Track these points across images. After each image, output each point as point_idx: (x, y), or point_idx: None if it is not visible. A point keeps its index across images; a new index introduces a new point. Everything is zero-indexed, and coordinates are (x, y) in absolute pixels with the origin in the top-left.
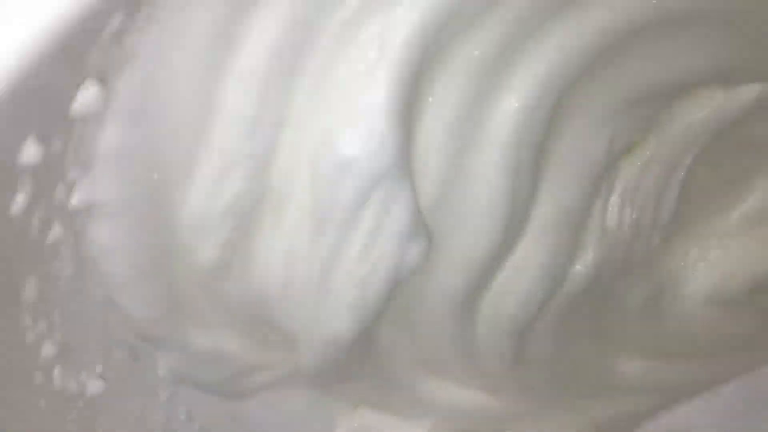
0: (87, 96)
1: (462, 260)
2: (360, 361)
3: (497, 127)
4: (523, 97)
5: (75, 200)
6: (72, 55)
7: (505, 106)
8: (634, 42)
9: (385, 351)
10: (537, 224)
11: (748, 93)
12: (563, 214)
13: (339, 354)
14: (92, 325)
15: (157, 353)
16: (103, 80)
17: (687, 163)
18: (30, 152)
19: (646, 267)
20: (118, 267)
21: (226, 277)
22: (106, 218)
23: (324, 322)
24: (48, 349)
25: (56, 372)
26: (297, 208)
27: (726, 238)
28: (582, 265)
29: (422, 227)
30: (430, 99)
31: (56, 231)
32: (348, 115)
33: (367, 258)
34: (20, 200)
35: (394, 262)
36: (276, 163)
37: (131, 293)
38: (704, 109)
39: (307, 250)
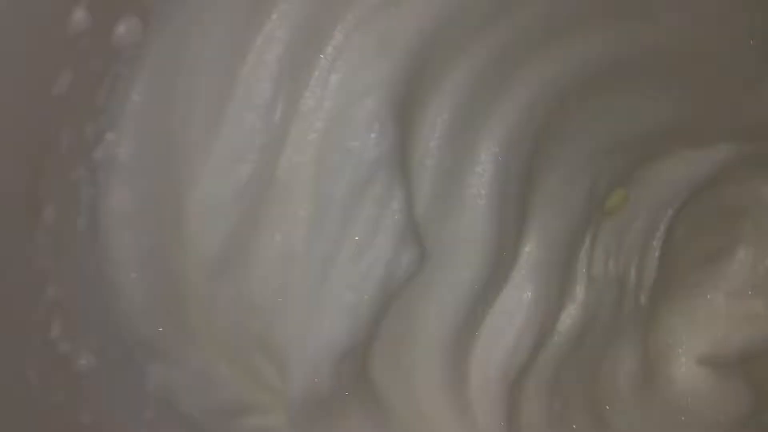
0: (127, 28)
1: (453, 285)
2: (352, 390)
3: (487, 147)
4: (506, 126)
5: (99, 152)
6: None
7: (492, 131)
8: (599, 91)
9: (378, 389)
10: (525, 265)
11: (716, 153)
12: (549, 256)
13: (330, 368)
14: (94, 299)
15: (150, 366)
16: (144, 19)
17: (665, 223)
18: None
19: (635, 330)
20: (126, 241)
21: (224, 274)
22: (123, 179)
23: (317, 329)
24: (50, 291)
25: (55, 324)
26: (299, 202)
27: (711, 309)
28: (570, 312)
29: (415, 236)
30: (428, 113)
31: (79, 171)
32: (351, 107)
33: (361, 261)
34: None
35: (388, 267)
36: (284, 154)
37: (133, 277)
38: (677, 169)
39: (304, 250)
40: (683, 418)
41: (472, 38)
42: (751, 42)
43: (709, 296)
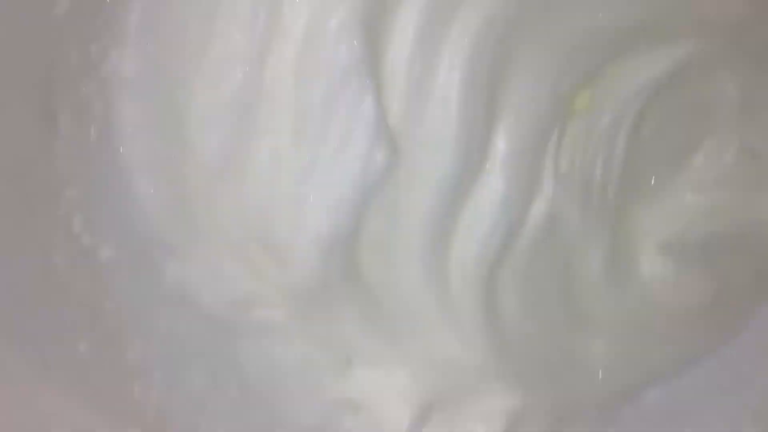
0: None
1: (428, 182)
2: (343, 283)
3: (454, 51)
4: (472, 30)
5: (106, 68)
6: None
7: (459, 35)
8: None
9: (367, 285)
10: (495, 163)
11: (677, 49)
12: (519, 149)
13: (319, 260)
14: (111, 201)
15: (166, 262)
16: None
17: (631, 119)
18: None
19: (603, 223)
20: (135, 148)
21: (223, 177)
22: (129, 93)
23: (304, 224)
24: (70, 192)
25: (76, 220)
26: (284, 110)
27: (676, 201)
28: (540, 203)
29: (387, 137)
30: (396, 21)
31: (89, 87)
32: (323, 20)
33: (338, 160)
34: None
35: (363, 164)
36: (267, 67)
37: (143, 181)
38: (640, 66)
39: (290, 153)
40: (652, 305)
41: None
42: None
43: (674, 189)
